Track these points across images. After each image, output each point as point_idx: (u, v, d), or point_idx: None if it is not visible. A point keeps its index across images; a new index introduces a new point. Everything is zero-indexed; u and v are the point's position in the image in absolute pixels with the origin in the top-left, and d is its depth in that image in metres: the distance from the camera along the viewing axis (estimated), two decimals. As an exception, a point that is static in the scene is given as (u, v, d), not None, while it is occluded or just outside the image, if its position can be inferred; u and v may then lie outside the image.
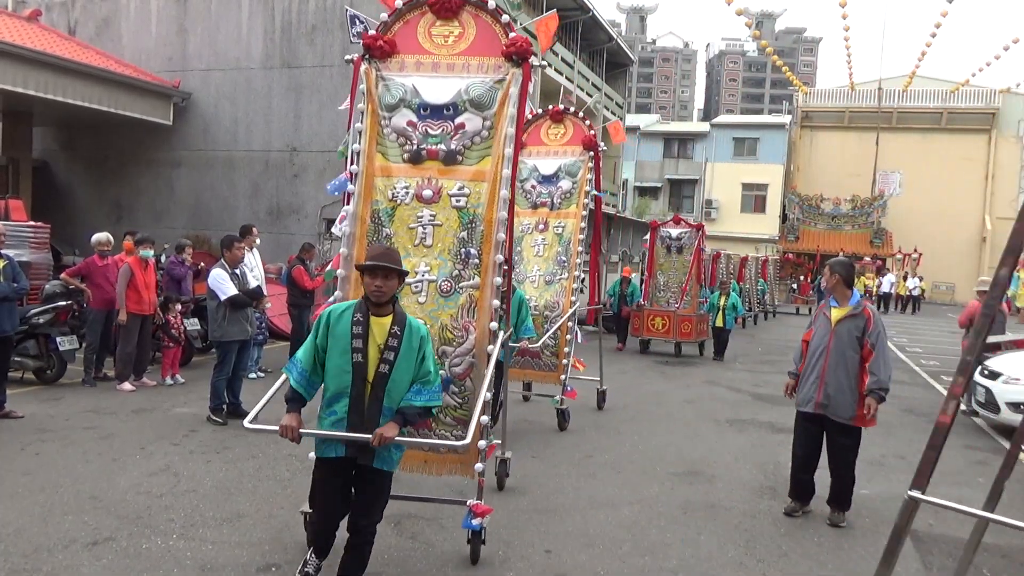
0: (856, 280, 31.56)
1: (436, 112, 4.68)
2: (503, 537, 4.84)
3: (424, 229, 4.63)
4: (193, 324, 9.92)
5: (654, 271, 15.42)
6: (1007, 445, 8.47)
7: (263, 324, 10.05)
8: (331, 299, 4.52)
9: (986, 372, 9.15)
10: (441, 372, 4.31)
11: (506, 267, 4.66)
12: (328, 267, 4.76)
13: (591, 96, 25.61)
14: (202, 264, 11.06)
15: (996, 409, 8.79)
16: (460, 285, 4.60)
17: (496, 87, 4.66)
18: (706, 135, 43.66)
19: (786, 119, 43.97)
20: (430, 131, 4.68)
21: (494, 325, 4.52)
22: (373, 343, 3.56)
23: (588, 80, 28.20)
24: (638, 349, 15.12)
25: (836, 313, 5.54)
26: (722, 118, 52.71)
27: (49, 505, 5.06)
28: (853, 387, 5.41)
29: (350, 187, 4.65)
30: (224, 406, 7.61)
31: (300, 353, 3.69)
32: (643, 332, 14.90)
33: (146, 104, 16.43)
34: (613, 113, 31.18)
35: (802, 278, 32.77)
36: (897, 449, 7.98)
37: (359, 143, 4.69)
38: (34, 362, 8.81)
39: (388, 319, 3.61)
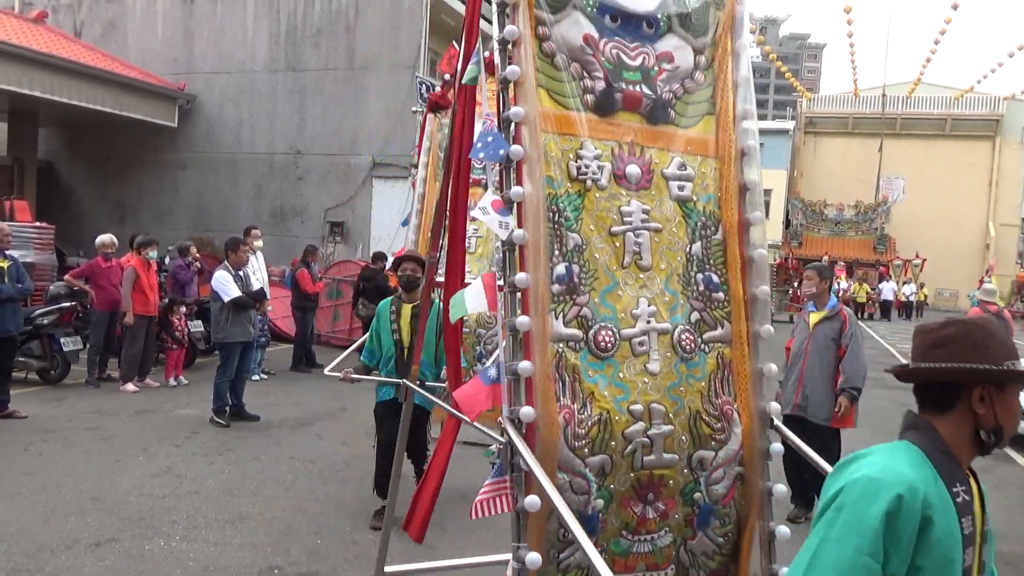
0: (859, 287, 30.98)
1: (630, 25, 2.56)
2: (504, 540, 4.84)
3: (637, 238, 2.51)
4: (197, 326, 9.95)
5: None
6: (1009, 452, 8.46)
7: (265, 326, 10.06)
8: (488, 372, 2.44)
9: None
10: (697, 495, 2.53)
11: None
12: (469, 297, 2.47)
13: None
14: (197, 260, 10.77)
15: (999, 416, 8.76)
16: (706, 337, 2.60)
17: (712, 3, 2.73)
18: (709, 140, 43.60)
19: (790, 125, 43.91)
20: (625, 58, 2.53)
21: (775, 406, 2.65)
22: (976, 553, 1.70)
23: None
24: None
25: (814, 317, 5.68)
26: (725, 123, 52.65)
27: (51, 505, 5.07)
28: (829, 389, 5.49)
29: (514, 149, 2.32)
30: (227, 408, 7.64)
31: None
32: None
33: (151, 106, 16.48)
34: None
35: (796, 285, 32.51)
36: (899, 456, 7.96)
37: (520, 64, 2.35)
38: (38, 362, 8.84)
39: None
